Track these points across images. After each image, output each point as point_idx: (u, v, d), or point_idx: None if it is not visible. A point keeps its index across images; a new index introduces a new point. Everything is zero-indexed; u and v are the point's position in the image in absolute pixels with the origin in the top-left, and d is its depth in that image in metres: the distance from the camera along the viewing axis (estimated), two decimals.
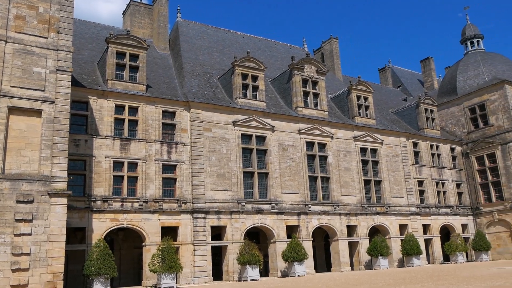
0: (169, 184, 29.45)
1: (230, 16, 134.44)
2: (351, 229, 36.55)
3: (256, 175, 32.60)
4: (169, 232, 28.29)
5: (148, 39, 37.87)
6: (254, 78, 35.05)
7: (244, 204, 31.24)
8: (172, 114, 30.88)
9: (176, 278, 26.62)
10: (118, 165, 27.97)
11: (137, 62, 30.83)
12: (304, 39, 52.88)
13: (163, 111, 30.49)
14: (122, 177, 27.90)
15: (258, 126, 33.57)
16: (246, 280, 28.25)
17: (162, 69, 35.49)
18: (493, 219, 44.02)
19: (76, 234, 27.69)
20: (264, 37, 49.93)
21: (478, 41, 52.90)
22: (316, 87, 38.05)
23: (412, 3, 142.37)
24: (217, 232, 31.22)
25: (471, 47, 52.87)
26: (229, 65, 35.82)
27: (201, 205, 29.58)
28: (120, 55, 30.40)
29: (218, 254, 31.03)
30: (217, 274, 30.46)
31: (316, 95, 37.92)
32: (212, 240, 29.98)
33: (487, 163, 45.25)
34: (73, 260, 27.00)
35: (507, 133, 43.80)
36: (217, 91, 34.68)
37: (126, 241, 32.11)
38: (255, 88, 34.94)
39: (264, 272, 33.24)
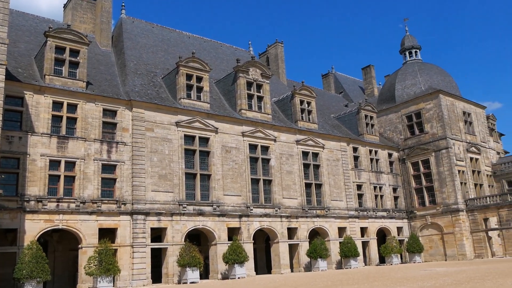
0: (108, 185, 28.63)
1: (176, 15, 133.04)
2: (291, 232, 37.04)
3: (198, 176, 32.35)
4: (107, 234, 27.49)
5: (90, 35, 36.73)
6: (199, 79, 34.80)
7: (185, 205, 30.90)
8: (113, 113, 30.07)
9: (113, 281, 25.93)
10: (54, 164, 26.88)
11: (78, 58, 29.80)
12: (250, 42, 53.17)
13: (104, 110, 29.62)
14: (59, 176, 26.84)
15: (202, 127, 33.34)
16: (186, 283, 27.93)
17: (104, 66, 34.51)
18: (426, 223, 46.01)
19: (7, 236, 26.37)
20: (210, 38, 49.78)
21: (416, 52, 55.23)
22: (261, 90, 38.32)
23: (356, 12, 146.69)
24: (157, 234, 30.69)
25: (410, 57, 55.14)
26: (174, 65, 35.38)
27: (141, 206, 28.97)
28: (60, 49, 29.27)
29: (158, 257, 30.48)
30: (157, 277, 29.91)
31: (260, 98, 38.18)
32: (152, 242, 29.44)
33: (421, 168, 47.27)
34: (3, 263, 25.62)
35: (440, 140, 45.96)
36: (161, 90, 34.15)
37: (61, 243, 30.89)
38: (200, 89, 34.70)
39: (205, 275, 33.03)
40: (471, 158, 48.11)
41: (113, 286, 25.81)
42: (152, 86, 34.09)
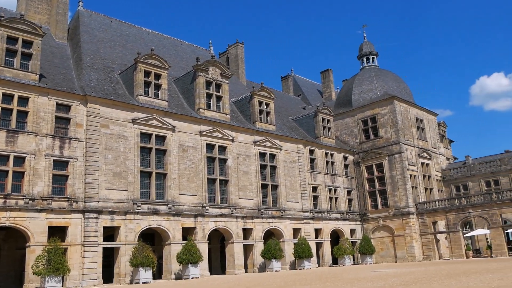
0: (60, 181, 27.76)
1: (136, 10, 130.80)
2: (247, 232, 37.09)
3: (154, 175, 31.88)
4: (57, 232, 26.66)
5: (44, 26, 35.54)
6: (157, 76, 34.31)
7: (140, 204, 30.38)
8: (67, 108, 29.19)
9: (62, 281, 25.19)
10: (2, 158, 25.84)
11: (31, 50, 28.80)
12: (210, 41, 52.89)
13: (57, 104, 28.71)
14: (7, 172, 25.80)
15: (159, 125, 32.88)
16: (138, 283, 27.45)
17: (58, 59, 33.46)
18: (378, 225, 47.14)
19: None
20: (170, 36, 49.21)
21: (373, 58, 56.53)
22: (220, 90, 38.20)
23: (317, 16, 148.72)
24: (110, 233, 30.02)
25: (367, 63, 56.36)
26: (132, 61, 34.75)
27: (94, 204, 28.26)
28: (12, 40, 28.19)
29: (110, 256, 29.81)
30: (108, 277, 29.23)
31: (219, 98, 38.06)
32: (104, 241, 28.75)
33: (375, 172, 48.40)
34: None
35: (394, 145, 47.21)
36: (118, 86, 33.45)
37: (7, 242, 29.72)
38: (158, 87, 34.21)
39: (158, 275, 32.58)
40: (423, 163, 49.69)
41: (62, 286, 25.06)
42: (108, 82, 33.35)
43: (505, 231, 43.23)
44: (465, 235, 45.72)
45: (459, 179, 52.06)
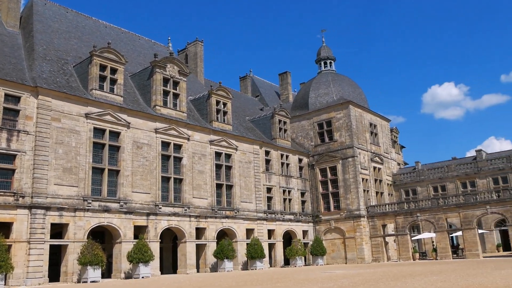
0: (5, 176, 26.65)
1: (93, 2, 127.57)
2: (200, 232, 36.86)
3: (106, 171, 31.14)
4: (1, 229, 25.56)
5: None
6: (113, 71, 33.57)
7: (90, 201, 29.60)
8: (17, 99, 28.07)
9: (5, 279, 24.17)
10: None
11: None
12: (169, 38, 52.27)
13: (6, 95, 27.55)
14: None
15: (113, 121, 32.16)
16: (86, 282, 26.74)
17: (9, 48, 32.14)
18: (330, 227, 47.94)
19: None
20: (128, 30, 48.26)
21: (330, 63, 57.45)
22: (177, 88, 37.79)
23: (278, 18, 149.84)
24: (58, 230, 29.08)
25: (324, 67, 57.23)
26: (87, 54, 33.81)
27: (42, 200, 27.30)
28: None
29: (57, 254, 28.88)
30: (55, 275, 28.29)
31: (176, 96, 37.64)
32: (51, 238, 27.81)
33: (329, 175, 49.20)
34: None
35: (348, 149, 48.15)
36: (71, 79, 32.48)
37: None
38: (113, 81, 33.46)
39: (107, 274, 31.83)
40: (375, 168, 50.93)
41: (5, 284, 24.07)
42: (62, 74, 32.32)
43: (450, 235, 44.97)
44: (412, 238, 47.20)
45: (409, 184, 53.72)
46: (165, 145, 35.50)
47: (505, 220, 40.72)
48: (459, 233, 43.30)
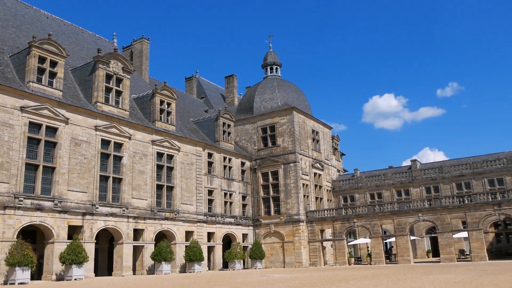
0: None
1: None
2: (138, 233, 36.08)
3: (41, 168, 29.80)
4: None
5: None
6: (53, 64, 32.26)
7: (22, 199, 28.21)
8: None
9: None
10: None
11: None
12: (114, 33, 51.13)
13: None
14: None
15: (51, 116, 30.86)
16: (14, 284, 25.44)
17: None
18: (269, 231, 48.36)
19: None
20: (71, 22, 46.65)
21: (276, 68, 58.10)
22: (120, 85, 36.89)
23: (227, 21, 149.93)
24: None
25: (270, 72, 57.77)
26: (26, 44, 32.36)
27: None
28: None
29: None
30: None
31: (119, 93, 36.72)
32: None
33: (270, 179, 49.66)
34: None
35: (290, 154, 48.83)
36: (7, 70, 30.89)
37: None
38: (53, 75, 32.16)
39: (38, 275, 30.44)
40: (315, 173, 51.94)
41: None
42: None
43: (384, 241, 46.58)
44: (349, 243, 48.45)
45: (347, 190, 55.18)
46: (105, 143, 34.50)
47: (435, 227, 42.68)
48: (393, 239, 44.92)
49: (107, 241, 37.78)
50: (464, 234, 42.49)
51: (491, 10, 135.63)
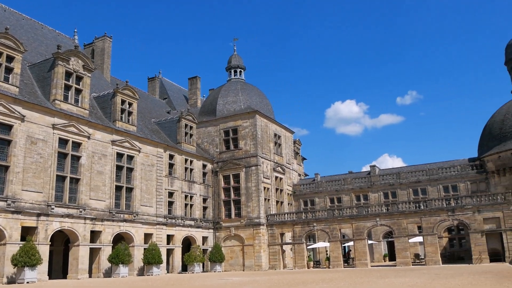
0: None
1: None
2: (95, 235, 35.25)
3: None
4: None
5: None
6: (10, 59, 31.19)
7: None
8: None
9: None
10: None
11: None
12: (75, 30, 50.01)
13: None
14: None
15: (6, 112, 29.77)
16: None
17: None
18: (230, 234, 48.25)
19: None
20: (30, 17, 45.25)
21: (240, 72, 58.16)
22: (80, 83, 36.04)
23: (191, 22, 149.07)
24: None
25: (234, 75, 57.79)
26: None
27: None
28: None
29: None
30: None
31: (78, 91, 35.85)
32: None
33: (232, 182, 49.59)
34: None
35: (252, 157, 48.93)
36: None
37: None
38: (9, 70, 31.08)
39: None
40: (276, 177, 52.23)
41: None
42: None
43: (343, 245, 47.28)
44: (308, 247, 48.92)
45: (308, 194, 55.73)
46: (63, 142, 33.59)
47: (392, 232, 43.66)
48: (351, 243, 45.65)
49: (62, 243, 36.75)
50: (420, 238, 43.65)
51: (450, 22, 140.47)
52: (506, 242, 38.63)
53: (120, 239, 37.44)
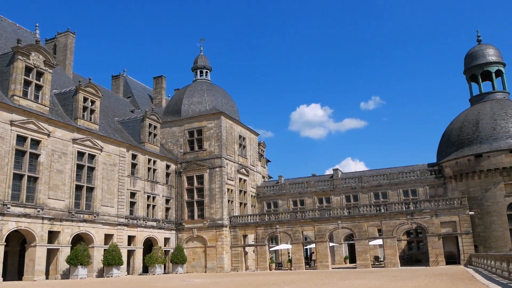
0: None
1: None
2: (53, 235, 34.32)
3: None
4: None
5: None
6: None
7: None
8: None
9: None
10: None
11: None
12: (37, 24, 48.40)
13: None
14: None
15: None
16: None
17: None
18: (192, 235, 47.91)
19: None
20: None
21: (206, 72, 57.87)
22: (41, 79, 35.08)
23: (158, 21, 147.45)
24: None
25: (200, 76, 57.45)
26: None
27: None
28: None
29: None
30: None
31: (39, 87, 34.88)
32: None
33: (195, 183, 49.26)
34: None
35: (216, 159, 48.77)
36: None
37: None
38: None
39: None
40: (240, 179, 52.23)
41: None
42: None
43: (305, 247, 47.70)
44: (270, 249, 49.11)
45: (271, 196, 55.97)
46: (21, 139, 32.58)
47: (353, 234, 44.37)
48: (313, 245, 46.11)
49: (18, 243, 35.63)
50: (379, 241, 44.50)
51: (414, 30, 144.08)
52: (461, 245, 39.91)
53: (80, 240, 36.61)
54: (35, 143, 33.63)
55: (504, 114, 44.45)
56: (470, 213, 40.51)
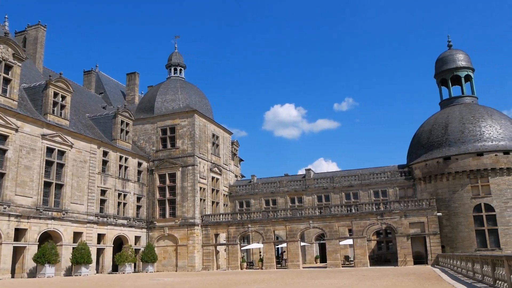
0: None
1: None
2: (20, 233, 33.54)
3: None
4: None
5: None
6: None
7: None
8: None
9: None
10: None
11: None
12: (6, 16, 47.10)
13: None
14: None
15: None
16: None
17: None
18: (163, 234, 47.53)
19: None
20: None
21: (181, 70, 57.47)
22: (10, 72, 34.23)
23: (133, 17, 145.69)
24: None
25: (174, 73, 57.01)
26: None
27: None
28: None
29: None
30: None
31: (7, 81, 34.04)
32: None
33: (167, 181, 48.88)
34: None
35: (189, 157, 48.50)
36: None
37: None
38: None
39: None
40: (213, 178, 52.08)
41: None
42: None
43: (276, 246, 47.90)
44: (242, 248, 49.14)
45: (244, 196, 55.99)
46: None
47: (324, 234, 44.79)
48: (284, 244, 46.34)
49: None
50: (350, 241, 45.04)
51: (387, 32, 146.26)
52: (429, 245, 40.75)
53: (48, 238, 35.87)
54: (2, 138, 32.80)
55: (472, 118, 45.59)
56: (438, 214, 41.41)
